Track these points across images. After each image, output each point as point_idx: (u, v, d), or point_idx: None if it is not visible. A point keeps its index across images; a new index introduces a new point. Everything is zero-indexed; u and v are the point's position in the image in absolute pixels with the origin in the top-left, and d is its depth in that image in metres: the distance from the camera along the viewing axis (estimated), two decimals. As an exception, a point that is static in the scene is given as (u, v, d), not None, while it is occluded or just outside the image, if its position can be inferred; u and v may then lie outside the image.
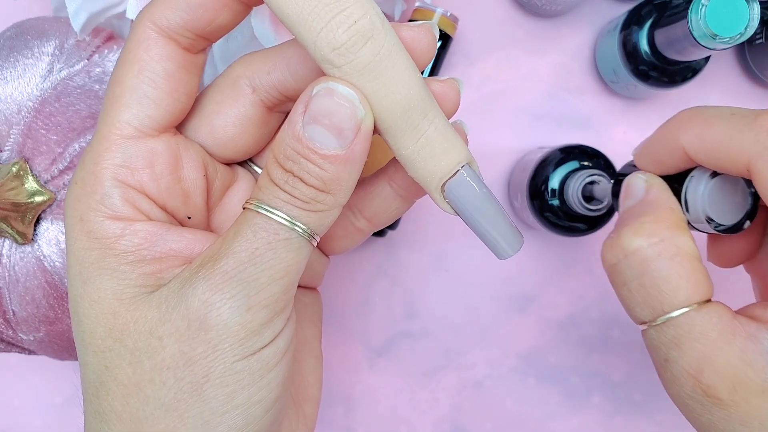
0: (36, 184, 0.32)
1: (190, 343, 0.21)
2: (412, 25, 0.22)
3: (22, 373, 0.47)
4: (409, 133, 0.21)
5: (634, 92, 0.44)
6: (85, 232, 0.22)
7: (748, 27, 0.33)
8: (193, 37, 0.23)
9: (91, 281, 0.22)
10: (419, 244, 0.47)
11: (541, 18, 0.46)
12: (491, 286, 0.47)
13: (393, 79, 0.20)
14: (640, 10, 0.41)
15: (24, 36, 0.34)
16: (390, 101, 0.21)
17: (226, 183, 0.26)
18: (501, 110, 0.46)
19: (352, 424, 0.47)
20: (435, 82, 0.23)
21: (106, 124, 0.22)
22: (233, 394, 0.21)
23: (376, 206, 0.27)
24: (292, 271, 0.22)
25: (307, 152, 0.21)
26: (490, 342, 0.47)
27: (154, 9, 0.22)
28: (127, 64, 0.22)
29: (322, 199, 0.21)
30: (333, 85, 0.20)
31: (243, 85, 0.24)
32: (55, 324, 0.33)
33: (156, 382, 0.21)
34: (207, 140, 0.24)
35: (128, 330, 0.21)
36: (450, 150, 0.22)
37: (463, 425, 0.47)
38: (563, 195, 0.40)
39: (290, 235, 0.21)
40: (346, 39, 0.20)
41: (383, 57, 0.20)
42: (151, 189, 0.23)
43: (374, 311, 0.47)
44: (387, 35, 0.20)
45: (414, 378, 0.47)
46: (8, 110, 0.32)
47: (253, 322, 0.21)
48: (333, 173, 0.21)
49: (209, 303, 0.21)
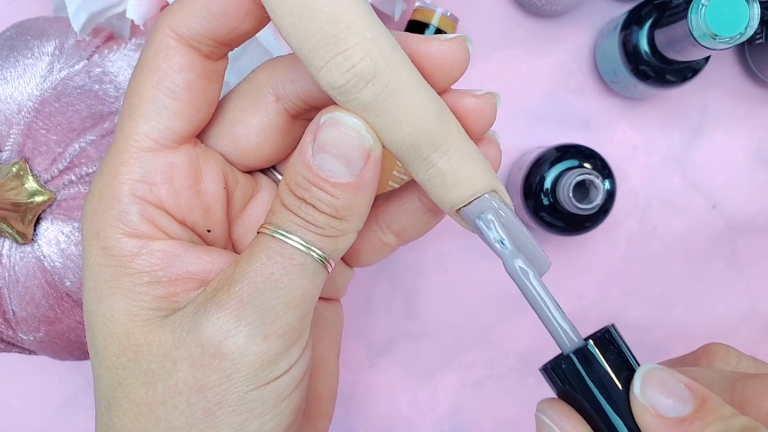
0: (36, 184, 0.32)
1: (204, 370, 0.20)
2: (443, 38, 0.22)
3: (22, 373, 0.47)
4: (417, 164, 0.21)
5: (634, 92, 0.44)
6: (101, 248, 0.22)
7: (748, 27, 0.33)
8: (214, 45, 0.22)
9: (105, 299, 0.22)
10: (419, 244, 0.47)
11: (541, 18, 0.46)
12: (491, 286, 0.47)
13: (397, 117, 0.20)
14: (640, 10, 0.41)
15: (24, 36, 0.34)
16: (394, 138, 0.20)
17: (247, 193, 0.25)
18: (501, 110, 0.46)
19: (352, 424, 0.47)
20: (470, 96, 0.22)
21: (124, 135, 0.22)
22: (245, 422, 0.21)
23: (405, 221, 0.26)
24: (308, 299, 0.21)
25: (317, 180, 0.20)
26: (490, 342, 0.47)
27: (173, 16, 0.21)
28: (145, 73, 0.22)
29: (336, 225, 0.21)
30: (339, 115, 0.20)
31: (266, 93, 0.23)
32: (55, 324, 0.33)
33: (168, 405, 0.21)
34: (229, 149, 0.24)
35: (142, 351, 0.21)
36: (464, 182, 0.21)
37: (463, 425, 0.47)
38: (556, 194, 0.40)
39: (305, 260, 0.21)
40: (345, 81, 0.19)
41: (387, 96, 0.20)
42: (170, 204, 0.22)
43: (374, 311, 0.47)
44: (393, 73, 0.20)
45: (414, 378, 0.47)
46: (8, 110, 0.32)
47: (269, 352, 0.21)
48: (345, 200, 0.21)
49: (224, 330, 0.20)
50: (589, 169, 0.40)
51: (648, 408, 0.21)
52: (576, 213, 0.40)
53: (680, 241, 0.47)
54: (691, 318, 0.47)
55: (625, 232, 0.47)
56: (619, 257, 0.47)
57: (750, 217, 0.47)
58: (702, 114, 0.47)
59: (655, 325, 0.47)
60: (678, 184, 0.47)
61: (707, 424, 0.20)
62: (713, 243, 0.47)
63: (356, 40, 0.19)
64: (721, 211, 0.47)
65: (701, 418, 0.20)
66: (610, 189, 0.41)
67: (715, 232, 0.47)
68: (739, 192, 0.47)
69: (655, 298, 0.47)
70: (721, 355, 0.25)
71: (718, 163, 0.47)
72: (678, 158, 0.47)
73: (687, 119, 0.47)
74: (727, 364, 0.25)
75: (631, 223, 0.47)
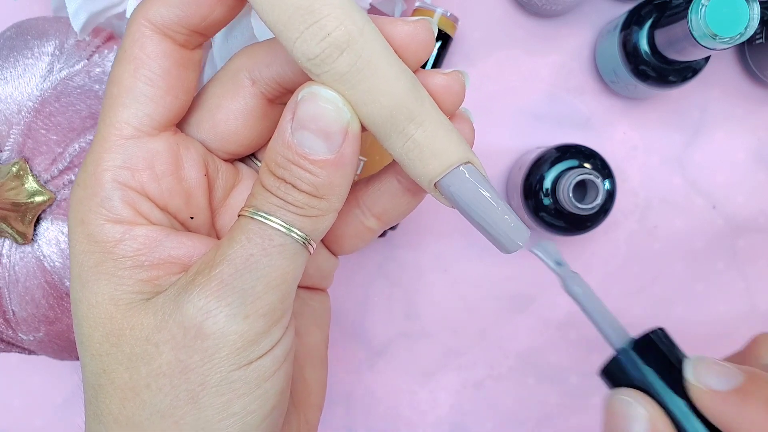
0: (36, 184, 0.32)
1: (186, 351, 0.21)
2: (409, 20, 0.22)
3: (22, 373, 0.47)
4: (394, 137, 0.21)
5: (634, 92, 0.44)
6: (86, 235, 0.22)
7: (748, 27, 0.33)
8: (189, 34, 0.22)
9: (89, 285, 0.22)
10: (419, 244, 0.47)
11: (541, 18, 0.46)
12: (491, 286, 0.47)
13: (373, 88, 0.20)
14: (640, 10, 0.41)
15: (24, 36, 0.34)
16: (371, 109, 0.21)
17: (229, 182, 0.26)
18: (501, 110, 0.46)
19: (352, 424, 0.47)
20: (439, 74, 0.23)
21: (105, 125, 0.22)
22: (229, 403, 0.21)
23: (385, 202, 0.26)
24: (288, 279, 0.22)
25: (297, 158, 0.21)
26: (490, 342, 0.47)
27: (147, 6, 0.22)
28: (123, 63, 0.22)
29: (316, 204, 0.21)
30: (316, 88, 0.20)
31: (243, 77, 0.24)
32: (55, 324, 0.33)
33: (152, 388, 0.21)
34: (209, 135, 0.24)
35: (125, 335, 0.21)
36: (441, 153, 0.22)
37: (463, 425, 0.47)
38: (556, 194, 0.40)
39: (285, 241, 0.21)
40: (320, 51, 0.20)
41: (361, 67, 0.20)
42: (152, 190, 0.23)
43: (374, 311, 0.47)
44: (366, 44, 0.20)
45: (414, 378, 0.47)
46: (8, 110, 0.32)
47: (250, 332, 0.21)
48: (324, 178, 0.21)
49: (205, 311, 0.21)
50: (589, 169, 0.40)
51: (702, 388, 0.22)
52: (576, 213, 0.40)
53: (680, 241, 0.47)
54: (691, 318, 0.47)
55: (625, 232, 0.47)
56: (619, 257, 0.47)
57: (750, 217, 0.47)
58: (702, 114, 0.47)
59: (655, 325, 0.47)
60: (678, 184, 0.47)
61: (760, 388, 0.22)
62: (713, 243, 0.47)
63: (329, 9, 0.19)
64: (721, 211, 0.47)
65: (753, 386, 0.22)
66: (610, 189, 0.41)
67: (715, 232, 0.47)
68: (739, 192, 0.47)
69: (655, 298, 0.47)
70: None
71: (718, 163, 0.47)
72: (678, 158, 0.47)
73: (687, 119, 0.47)
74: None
75: (631, 223, 0.47)
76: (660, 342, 0.24)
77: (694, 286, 0.47)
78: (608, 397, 0.24)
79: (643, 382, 0.23)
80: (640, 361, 0.24)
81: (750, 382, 0.22)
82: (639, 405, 0.23)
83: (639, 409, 0.23)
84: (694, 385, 0.22)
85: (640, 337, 0.24)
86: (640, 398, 0.23)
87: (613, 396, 0.24)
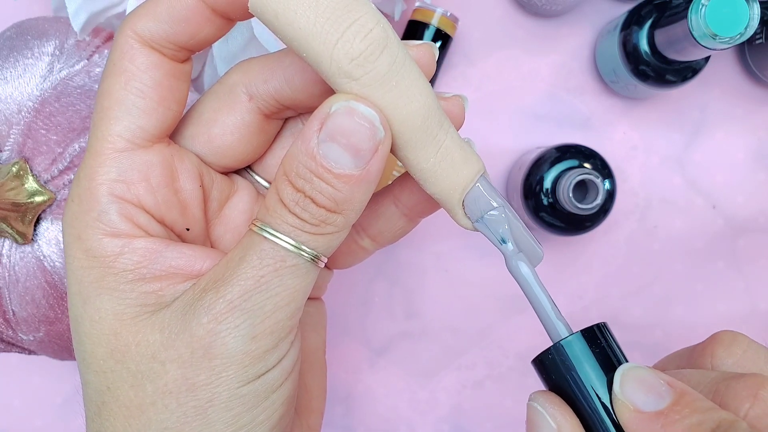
0: (36, 184, 0.32)
1: (193, 370, 0.20)
2: (412, 44, 0.22)
3: (22, 373, 0.47)
4: (429, 143, 0.21)
5: (634, 92, 0.44)
6: (84, 250, 0.22)
7: (748, 27, 0.33)
8: (177, 49, 0.22)
9: (90, 301, 0.22)
10: (419, 244, 0.47)
11: (541, 18, 0.46)
12: (491, 286, 0.47)
13: (411, 88, 0.20)
14: (640, 10, 0.41)
15: (24, 36, 0.34)
16: (409, 110, 0.20)
17: (224, 194, 0.25)
18: (501, 110, 0.46)
19: (352, 424, 0.47)
20: (439, 99, 0.23)
21: (98, 139, 0.22)
22: (238, 416, 0.21)
23: (381, 225, 0.26)
24: (298, 297, 0.21)
25: (320, 170, 0.20)
26: (490, 342, 0.47)
27: (136, 20, 0.22)
28: (113, 76, 0.22)
29: (332, 220, 0.21)
30: (355, 105, 0.20)
31: (240, 92, 0.24)
32: (55, 324, 0.33)
33: (158, 405, 0.21)
34: (204, 148, 0.24)
35: (130, 352, 0.21)
36: (468, 159, 0.22)
37: (463, 425, 0.47)
38: (556, 194, 0.41)
39: (297, 261, 0.21)
40: (364, 48, 0.19)
41: (399, 65, 0.20)
42: (148, 202, 0.22)
43: (374, 311, 0.47)
44: (399, 44, 0.20)
45: (414, 378, 0.47)
46: (8, 110, 0.32)
47: (258, 350, 0.21)
48: (346, 193, 0.20)
49: (214, 333, 0.20)
50: (589, 169, 0.40)
51: (626, 404, 0.20)
52: (576, 213, 0.40)
53: (680, 241, 0.47)
54: (691, 318, 0.47)
55: (625, 232, 0.47)
56: (619, 257, 0.47)
57: (750, 217, 0.47)
58: (702, 114, 0.47)
59: (655, 324, 0.47)
60: (678, 184, 0.47)
61: (683, 417, 0.20)
62: (713, 243, 0.47)
63: (365, 8, 0.19)
64: (721, 211, 0.47)
65: (678, 411, 0.20)
66: (610, 189, 0.41)
67: (715, 232, 0.47)
68: (739, 192, 0.47)
69: (655, 298, 0.47)
70: (725, 344, 0.25)
71: (718, 163, 0.47)
72: (678, 158, 0.47)
73: (687, 119, 0.47)
74: (730, 354, 0.24)
75: (631, 223, 0.47)
76: (600, 341, 0.22)
77: (694, 286, 0.47)
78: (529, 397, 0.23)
79: (569, 383, 0.22)
80: (572, 360, 0.22)
81: (676, 405, 0.20)
82: (548, 417, 0.21)
83: (548, 422, 0.21)
84: (619, 400, 0.21)
85: (578, 333, 0.22)
86: (554, 409, 0.21)
87: (529, 399, 0.23)
